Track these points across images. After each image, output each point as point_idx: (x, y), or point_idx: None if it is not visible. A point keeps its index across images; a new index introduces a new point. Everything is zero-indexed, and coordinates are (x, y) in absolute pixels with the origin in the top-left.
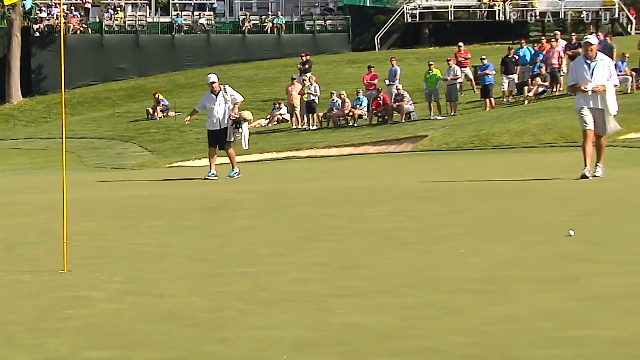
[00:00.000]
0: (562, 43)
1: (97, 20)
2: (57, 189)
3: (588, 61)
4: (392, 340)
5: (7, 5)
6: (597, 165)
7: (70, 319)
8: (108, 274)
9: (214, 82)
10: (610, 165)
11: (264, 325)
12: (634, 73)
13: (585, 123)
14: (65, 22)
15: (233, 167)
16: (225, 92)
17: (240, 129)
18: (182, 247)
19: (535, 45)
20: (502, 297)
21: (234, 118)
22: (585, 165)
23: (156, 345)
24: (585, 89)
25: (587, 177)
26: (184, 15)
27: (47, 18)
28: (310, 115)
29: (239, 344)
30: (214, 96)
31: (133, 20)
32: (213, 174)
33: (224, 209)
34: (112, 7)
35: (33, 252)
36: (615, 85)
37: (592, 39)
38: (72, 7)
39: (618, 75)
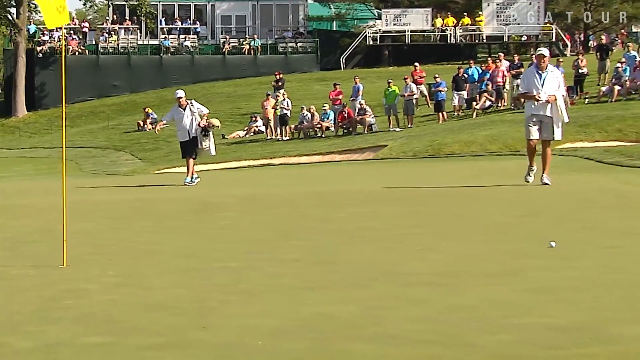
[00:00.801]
0: (506, 63)
1: (94, 42)
2: (57, 192)
3: (540, 72)
4: (357, 328)
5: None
6: (542, 175)
7: (69, 309)
8: (103, 268)
9: (180, 98)
10: (549, 172)
11: (242, 314)
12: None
13: (531, 133)
14: (65, 45)
15: (189, 175)
16: (192, 105)
17: (208, 136)
18: (170, 244)
19: (482, 65)
20: (456, 289)
21: (203, 125)
22: (530, 164)
23: (146, 332)
24: (538, 98)
25: (529, 181)
26: (171, 38)
27: (49, 41)
28: (283, 127)
29: (220, 331)
30: (182, 110)
31: (125, 42)
32: (196, 177)
33: (207, 210)
34: (107, 31)
35: (36, 249)
36: (563, 95)
37: (545, 51)
38: (72, 31)
39: None
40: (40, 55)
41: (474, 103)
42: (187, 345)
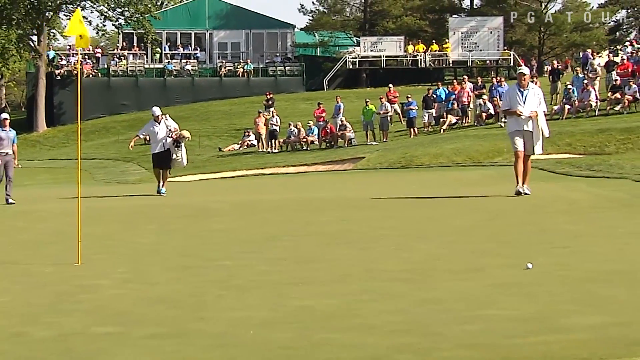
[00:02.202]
0: (470, 85)
1: (106, 66)
2: (73, 199)
3: (521, 89)
4: (337, 319)
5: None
6: (523, 185)
7: (82, 302)
8: (112, 266)
9: (158, 116)
10: (506, 181)
11: (235, 307)
12: None
13: (516, 145)
14: (80, 68)
15: (163, 186)
16: (167, 120)
17: (180, 147)
18: (171, 245)
19: (449, 86)
20: (426, 284)
21: (175, 137)
22: (517, 183)
23: (150, 323)
24: (521, 113)
25: (520, 193)
26: (174, 62)
27: (66, 65)
28: (273, 141)
29: (215, 322)
30: (157, 124)
31: (134, 66)
32: (163, 191)
33: (204, 215)
34: (117, 56)
35: (53, 249)
36: (544, 111)
37: (525, 69)
38: (86, 56)
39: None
40: (59, 77)
41: (442, 120)
42: (186, 335)
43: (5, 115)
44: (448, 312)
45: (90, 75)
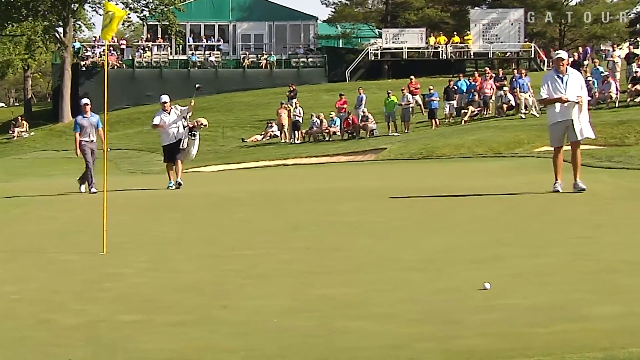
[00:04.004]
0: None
1: (130, 58)
2: (97, 189)
3: (560, 75)
4: (358, 308)
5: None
6: (577, 181)
7: (108, 290)
8: (137, 255)
9: (165, 102)
10: (527, 172)
11: (258, 296)
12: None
13: (556, 141)
14: (106, 59)
15: (179, 176)
16: (176, 109)
17: (195, 137)
18: (194, 234)
19: (470, 78)
20: (445, 273)
21: (191, 125)
22: (557, 180)
23: (174, 310)
24: (566, 99)
25: (558, 191)
26: (197, 54)
27: (91, 56)
28: (295, 132)
29: (238, 310)
30: (167, 113)
31: (158, 58)
32: (172, 185)
33: (226, 204)
34: (142, 47)
35: (80, 238)
36: (588, 99)
37: (563, 53)
38: (111, 48)
39: (522, 92)
40: (84, 68)
41: (462, 111)
42: (209, 323)
43: (85, 100)
44: (467, 301)
45: (115, 67)
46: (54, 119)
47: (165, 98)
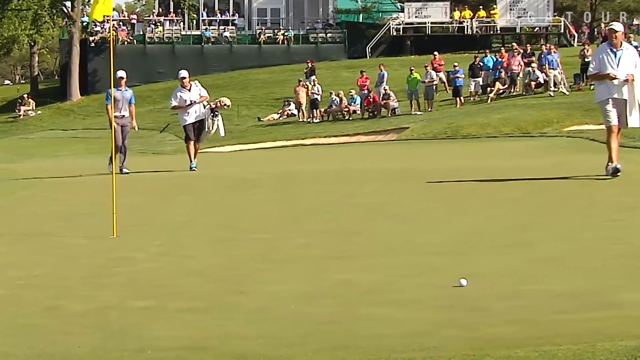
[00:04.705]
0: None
1: (141, 33)
2: (107, 170)
3: (614, 49)
4: (379, 294)
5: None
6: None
7: (118, 275)
8: (148, 239)
9: (184, 78)
10: (556, 152)
11: (274, 281)
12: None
13: (610, 119)
14: (115, 35)
15: (194, 159)
16: (197, 86)
17: (217, 117)
18: (207, 217)
19: (497, 54)
20: (470, 258)
21: (214, 106)
22: (612, 161)
23: (187, 296)
24: (615, 76)
25: (617, 172)
26: (211, 29)
27: (101, 31)
28: (314, 110)
29: (254, 295)
30: (187, 90)
31: (170, 33)
32: (195, 165)
33: (241, 186)
34: (153, 22)
35: (88, 221)
36: None
37: (618, 25)
38: (121, 23)
39: (552, 69)
40: (93, 44)
41: (489, 89)
42: (224, 309)
43: (121, 73)
44: (493, 287)
45: (125, 42)
46: (61, 97)
47: (184, 73)
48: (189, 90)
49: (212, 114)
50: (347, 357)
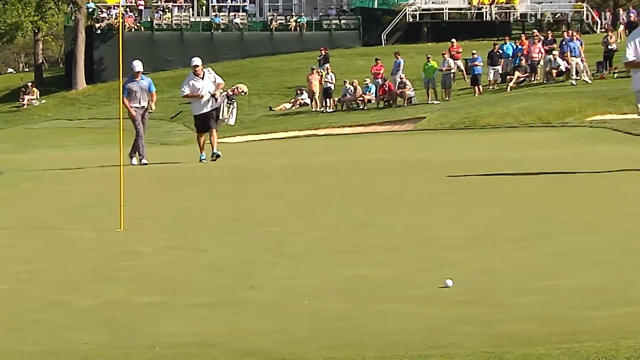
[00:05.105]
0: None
1: (149, 19)
2: (114, 161)
3: None
4: (394, 289)
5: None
6: None
7: (125, 270)
8: (156, 232)
9: (197, 66)
10: (578, 142)
11: (287, 276)
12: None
13: None
14: (122, 21)
15: (213, 148)
16: (210, 73)
17: (233, 105)
18: (218, 210)
19: (517, 41)
20: (487, 252)
21: (230, 93)
22: None
23: (197, 291)
24: None
25: None
26: (221, 15)
27: (107, 18)
28: (327, 99)
29: (266, 291)
30: (200, 78)
31: (179, 19)
32: (205, 157)
33: (253, 177)
34: (161, 8)
35: (94, 213)
36: None
37: None
38: (128, 9)
39: (574, 57)
40: (99, 31)
41: (508, 77)
42: (235, 304)
43: (138, 66)
44: (511, 283)
45: (133, 29)
46: (66, 86)
47: (197, 61)
48: (202, 78)
49: (228, 101)
50: (361, 354)
